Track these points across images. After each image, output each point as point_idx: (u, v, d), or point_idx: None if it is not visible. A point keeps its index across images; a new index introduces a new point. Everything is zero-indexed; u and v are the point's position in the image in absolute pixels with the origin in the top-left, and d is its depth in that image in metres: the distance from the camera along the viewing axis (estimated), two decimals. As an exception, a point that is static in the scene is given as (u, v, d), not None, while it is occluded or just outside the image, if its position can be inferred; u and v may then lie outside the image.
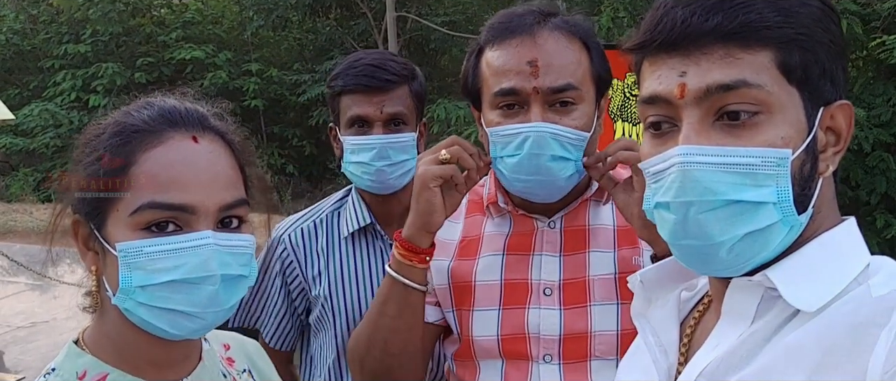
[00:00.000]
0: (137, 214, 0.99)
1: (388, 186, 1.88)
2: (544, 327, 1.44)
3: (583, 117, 1.39)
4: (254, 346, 1.33)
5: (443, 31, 12.79)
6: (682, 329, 0.99)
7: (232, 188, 1.05)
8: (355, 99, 1.85)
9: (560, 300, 1.45)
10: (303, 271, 1.96)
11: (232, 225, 1.05)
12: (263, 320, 2.01)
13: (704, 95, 0.84)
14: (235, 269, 1.02)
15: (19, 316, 5.22)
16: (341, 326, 1.92)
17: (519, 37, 1.39)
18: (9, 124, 10.63)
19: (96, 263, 1.05)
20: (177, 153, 1.02)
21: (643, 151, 0.91)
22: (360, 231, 1.96)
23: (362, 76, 1.83)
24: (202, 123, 1.07)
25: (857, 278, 0.84)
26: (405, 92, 1.87)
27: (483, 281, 1.50)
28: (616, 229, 1.49)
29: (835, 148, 0.88)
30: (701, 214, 0.83)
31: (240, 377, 1.23)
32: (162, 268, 0.98)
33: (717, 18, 0.83)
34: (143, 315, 1.00)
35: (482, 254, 1.52)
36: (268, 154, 13.83)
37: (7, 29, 15.37)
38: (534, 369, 1.45)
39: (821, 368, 0.78)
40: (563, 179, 1.40)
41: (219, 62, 13.92)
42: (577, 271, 1.47)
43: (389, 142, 1.83)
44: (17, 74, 15.67)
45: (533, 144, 1.36)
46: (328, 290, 1.93)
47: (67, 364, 1.05)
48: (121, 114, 1.07)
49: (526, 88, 1.36)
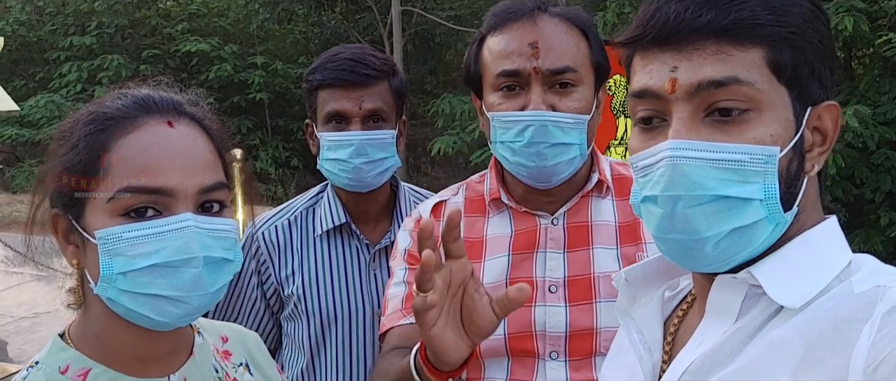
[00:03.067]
0: (115, 200, 0.97)
1: (366, 184, 1.83)
2: (550, 324, 1.44)
3: (582, 100, 1.42)
4: (254, 340, 1.32)
5: (448, 26, 12.80)
6: (666, 328, 0.99)
7: (210, 171, 1.03)
8: (333, 94, 1.79)
9: (565, 297, 1.45)
10: (275, 270, 1.90)
11: (213, 209, 1.03)
12: (241, 320, 1.95)
13: (695, 91, 0.84)
14: (219, 252, 1.01)
15: (22, 307, 5.24)
16: (314, 327, 1.87)
17: (519, 21, 1.43)
18: (14, 116, 10.65)
19: (77, 256, 1.03)
20: (152, 138, 1.00)
21: (632, 145, 0.92)
22: (334, 230, 1.90)
23: (341, 70, 1.78)
24: (177, 108, 1.05)
25: (840, 275, 0.85)
26: (385, 88, 1.81)
27: (489, 284, 1.48)
28: (618, 225, 1.50)
29: (821, 148, 0.89)
30: (688, 208, 0.83)
31: (235, 371, 1.21)
32: (142, 253, 0.97)
33: (709, 14, 0.83)
34: (127, 303, 0.98)
35: (487, 257, 1.51)
36: (273, 147, 13.87)
37: (13, 20, 15.41)
38: (540, 366, 1.44)
39: (804, 363, 0.79)
40: (564, 164, 1.43)
41: (224, 55, 13.94)
42: (581, 267, 1.47)
43: (368, 138, 1.78)
44: (22, 66, 15.71)
45: (534, 132, 1.39)
46: (301, 289, 1.87)
47: (51, 358, 1.04)
48: (94, 104, 1.06)
49: (526, 68, 1.40)
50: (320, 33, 14.99)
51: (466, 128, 10.05)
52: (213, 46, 13.93)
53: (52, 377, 1.02)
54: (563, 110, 1.41)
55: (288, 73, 14.15)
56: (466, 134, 10.02)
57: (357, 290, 1.88)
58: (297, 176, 13.51)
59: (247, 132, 13.77)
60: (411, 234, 1.59)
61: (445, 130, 10.51)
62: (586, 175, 1.52)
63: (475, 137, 9.66)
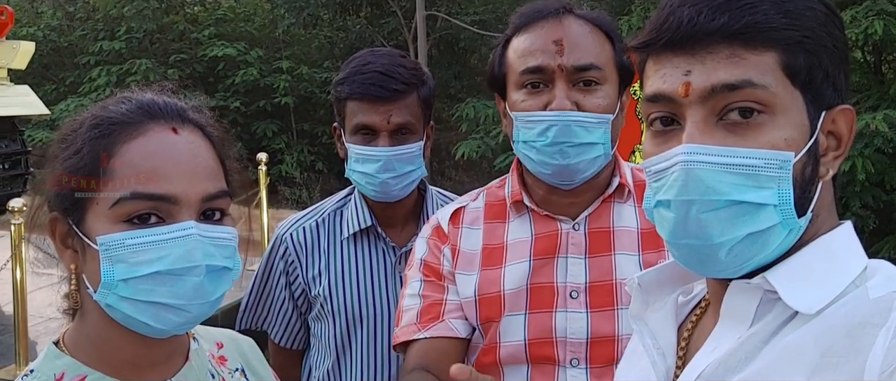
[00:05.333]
0: (118, 206, 0.97)
1: (393, 196, 1.83)
2: (571, 330, 1.43)
3: (606, 98, 1.43)
4: (249, 344, 1.30)
5: (473, 30, 12.78)
6: (680, 333, 0.99)
7: (213, 179, 1.03)
8: (361, 107, 1.78)
9: (587, 303, 1.44)
10: (303, 270, 1.93)
11: (214, 217, 1.02)
12: (270, 320, 1.99)
13: (709, 95, 0.84)
14: (220, 260, 1.00)
15: (51, 308, 5.30)
16: (340, 327, 1.89)
17: (544, 21, 1.45)
18: (45, 119, 10.80)
19: (75, 260, 1.02)
20: (157, 144, 1.00)
21: (646, 149, 0.92)
22: (361, 233, 1.91)
23: (370, 85, 1.76)
24: (181, 115, 1.05)
25: (855, 280, 0.84)
26: (413, 100, 1.80)
27: (510, 289, 1.48)
28: (640, 231, 1.49)
29: (835, 152, 0.88)
30: (702, 213, 0.83)
31: (231, 377, 1.20)
32: (145, 260, 0.96)
33: (723, 18, 0.83)
34: (126, 310, 0.97)
35: (508, 263, 1.50)
36: (298, 151, 13.93)
37: (44, 26, 15.63)
38: (560, 373, 1.43)
39: (819, 368, 0.78)
40: (588, 162, 1.43)
41: (250, 60, 14.03)
42: (603, 274, 1.46)
43: (396, 154, 1.77)
44: (53, 70, 15.92)
45: (558, 132, 1.39)
46: (328, 290, 1.89)
47: (46, 366, 1.03)
48: (98, 108, 1.05)
49: (551, 65, 1.41)
50: (345, 38, 15.03)
51: (490, 132, 10.04)
52: (240, 51, 14.02)
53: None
54: (588, 108, 1.40)
55: (313, 77, 14.21)
56: (490, 138, 10.01)
57: (383, 291, 1.90)
58: (321, 180, 13.55)
59: (272, 136, 13.86)
60: (428, 241, 1.59)
61: (469, 134, 10.50)
62: (608, 179, 1.52)
63: (499, 142, 9.65)
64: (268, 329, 2.01)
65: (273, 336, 2.00)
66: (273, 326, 2.00)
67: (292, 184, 13.18)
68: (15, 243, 4.32)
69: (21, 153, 7.67)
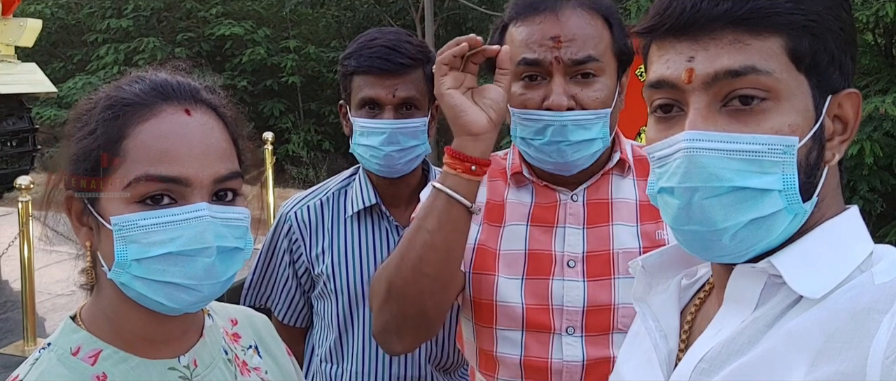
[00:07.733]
0: (132, 187, 0.98)
1: (396, 170, 1.85)
2: (568, 298, 1.45)
3: (604, 90, 1.42)
4: (263, 322, 1.32)
5: (480, 11, 12.74)
6: (683, 316, 0.99)
7: (226, 160, 1.03)
8: (367, 80, 1.80)
9: (584, 272, 1.46)
10: (307, 248, 1.94)
11: (226, 198, 1.03)
12: (274, 298, 2.01)
13: (712, 81, 0.84)
14: (231, 241, 1.01)
15: (60, 284, 5.34)
16: (342, 305, 1.91)
17: (542, 14, 1.43)
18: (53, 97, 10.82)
19: (90, 238, 1.04)
20: (170, 126, 1.00)
21: (649, 135, 0.91)
22: (365, 211, 1.93)
23: (376, 58, 1.79)
24: (194, 95, 1.05)
25: (860, 266, 0.84)
26: (419, 76, 1.82)
27: (508, 250, 1.50)
28: (638, 202, 1.51)
29: (841, 137, 0.88)
30: (705, 199, 0.83)
31: (245, 354, 1.22)
32: (157, 241, 0.97)
33: (726, 4, 0.83)
34: (140, 289, 0.99)
35: (507, 223, 1.52)
36: (304, 130, 13.94)
37: (52, 3, 15.63)
38: (555, 341, 1.45)
39: (823, 353, 0.78)
40: (586, 157, 1.44)
41: (257, 39, 14.02)
42: (600, 243, 1.48)
43: (400, 127, 1.79)
44: (61, 48, 15.94)
45: (554, 132, 1.40)
46: (331, 268, 1.91)
47: (62, 340, 1.05)
48: (112, 88, 1.05)
49: (548, 58, 1.40)
50: (353, 17, 14.98)
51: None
52: (247, 30, 14.00)
53: (63, 358, 1.03)
54: (585, 101, 1.41)
55: (320, 56, 14.19)
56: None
57: None
58: (328, 159, 13.56)
59: (279, 116, 13.86)
60: None
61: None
62: (608, 155, 1.53)
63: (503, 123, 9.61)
64: (271, 307, 2.03)
65: (276, 314, 2.02)
66: (276, 303, 2.02)
67: (299, 163, 13.21)
68: (23, 220, 4.34)
69: (28, 131, 7.68)
